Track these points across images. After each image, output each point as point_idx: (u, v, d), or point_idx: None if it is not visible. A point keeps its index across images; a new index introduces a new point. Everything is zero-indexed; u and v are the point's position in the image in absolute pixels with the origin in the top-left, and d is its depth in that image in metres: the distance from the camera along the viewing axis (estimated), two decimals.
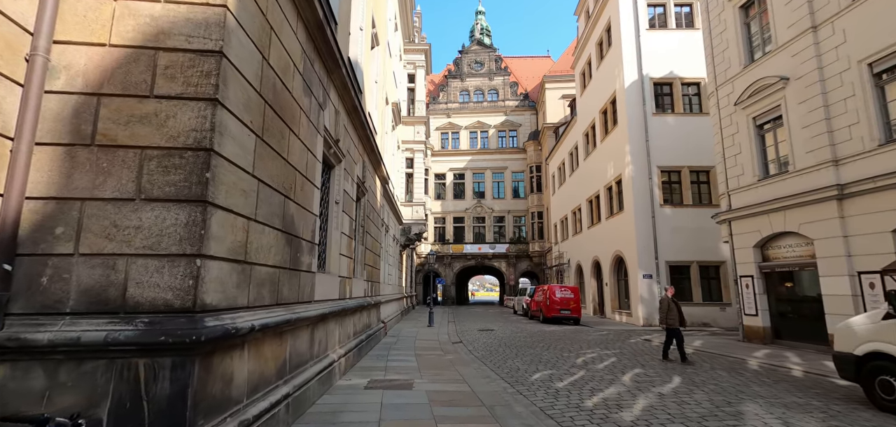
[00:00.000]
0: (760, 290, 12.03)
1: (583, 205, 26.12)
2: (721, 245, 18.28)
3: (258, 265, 4.00)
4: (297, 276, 5.16)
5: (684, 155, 19.09)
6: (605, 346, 11.80)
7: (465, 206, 41.07)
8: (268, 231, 4.22)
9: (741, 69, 12.80)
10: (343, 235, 7.82)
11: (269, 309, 4.22)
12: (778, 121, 11.71)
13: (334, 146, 7.11)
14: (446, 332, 15.11)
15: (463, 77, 44.35)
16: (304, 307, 5.33)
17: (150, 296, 2.97)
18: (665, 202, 18.82)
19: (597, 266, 24.11)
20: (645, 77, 19.63)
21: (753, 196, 12.21)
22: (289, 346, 4.78)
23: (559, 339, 13.29)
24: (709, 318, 17.78)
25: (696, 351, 10.69)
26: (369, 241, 11.19)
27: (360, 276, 10.02)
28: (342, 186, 7.72)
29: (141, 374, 2.84)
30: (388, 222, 17.22)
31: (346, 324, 7.96)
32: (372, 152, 11.14)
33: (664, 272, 18.14)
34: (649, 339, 13.16)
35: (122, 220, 3.03)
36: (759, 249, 12.19)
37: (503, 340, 13.16)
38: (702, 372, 8.15)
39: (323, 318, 6.17)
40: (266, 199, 4.16)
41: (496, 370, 8.25)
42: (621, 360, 9.45)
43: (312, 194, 5.79)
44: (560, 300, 19.07)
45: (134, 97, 3.18)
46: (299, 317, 4.93)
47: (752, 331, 12.11)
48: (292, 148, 4.94)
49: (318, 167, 6.11)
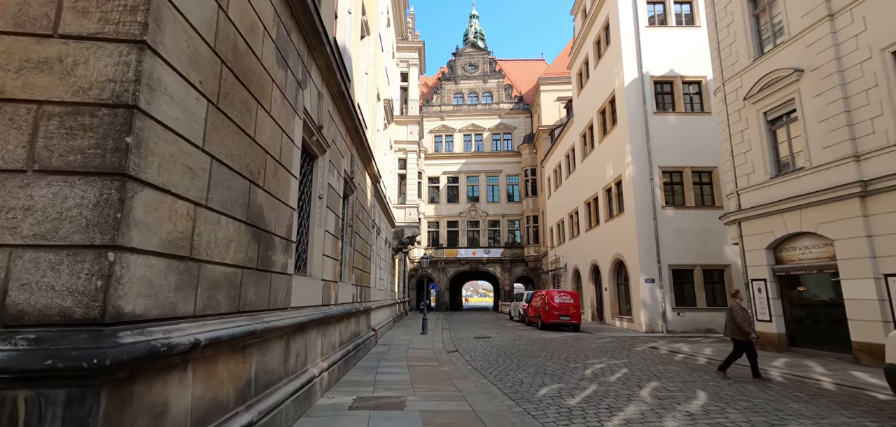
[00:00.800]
0: (774, 294, 11.37)
1: (580, 207, 25.47)
2: (725, 248, 17.68)
3: (211, 263, 3.19)
4: (268, 278, 4.35)
5: (686, 155, 18.50)
6: (611, 354, 11.06)
7: (460, 209, 40.32)
8: (226, 222, 3.41)
9: (750, 62, 12.21)
10: (328, 234, 7.01)
11: (227, 318, 3.41)
12: (792, 115, 11.10)
13: (317, 133, 6.32)
14: (441, 340, 14.29)
15: (457, 79, 43.73)
16: (277, 315, 4.52)
17: (41, 302, 2.15)
18: (667, 204, 18.20)
19: (595, 270, 23.43)
20: (645, 75, 19.05)
21: (765, 195, 11.57)
22: (254, 363, 3.97)
23: (561, 348, 12.52)
24: (713, 324, 17.12)
25: (710, 361, 9.97)
26: (358, 242, 10.39)
27: (348, 280, 9.20)
28: (326, 180, 6.93)
29: (20, 413, 2.02)
30: (380, 224, 16.41)
31: (330, 333, 7.14)
32: (362, 147, 10.36)
33: (667, 276, 17.47)
34: (656, 347, 12.44)
35: (6, 199, 2.22)
36: (771, 251, 11.54)
37: (502, 349, 12.38)
38: (727, 386, 7.42)
39: (301, 328, 5.35)
40: (223, 181, 3.36)
41: (498, 384, 7.45)
42: (634, 371, 8.70)
43: (288, 184, 4.99)
44: (559, 306, 18.33)
45: (31, 36, 2.38)
46: (269, 327, 4.12)
47: (766, 338, 11.43)
48: (262, 125, 4.15)
49: (296, 154, 5.31)
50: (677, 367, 9.12)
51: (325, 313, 6.51)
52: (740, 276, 17.40)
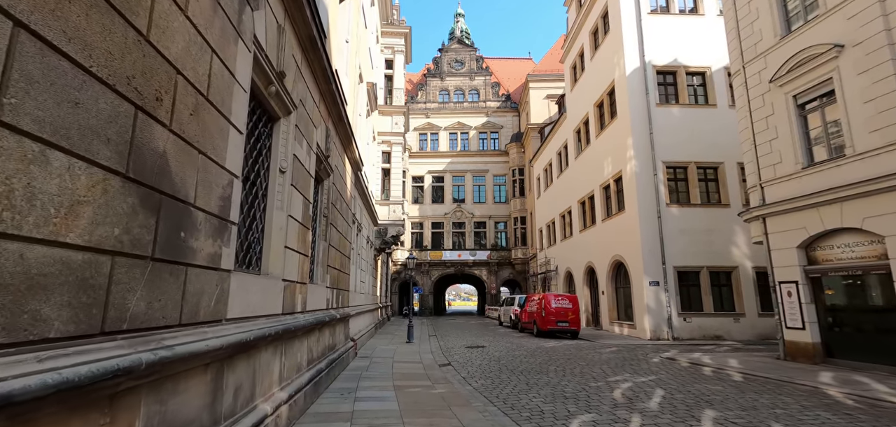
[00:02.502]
0: (807, 298, 10.12)
1: (573, 207, 24.20)
2: (733, 249, 16.55)
3: (23, 241, 1.55)
4: (180, 275, 2.70)
5: (691, 150, 17.35)
6: (629, 368, 9.62)
7: (445, 210, 38.77)
8: (69, 165, 1.77)
9: (776, 41, 11.00)
10: (293, 221, 5.35)
11: (66, 348, 1.76)
12: (829, 97, 9.90)
13: (277, 82, 4.66)
14: (430, 351, 12.66)
15: (443, 76, 42.25)
16: (196, 334, 2.86)
17: None
18: (671, 201, 16.99)
19: (591, 273, 22.14)
20: (648, 64, 17.86)
21: (796, 187, 10.34)
22: (142, 417, 2.31)
23: (568, 359, 11.05)
24: (722, 330, 15.94)
25: (747, 376, 8.62)
26: (335, 237, 8.70)
27: (321, 282, 7.51)
28: (291, 149, 5.27)
29: None
30: (362, 220, 14.71)
31: (293, 351, 5.46)
32: (340, 122, 8.70)
33: (672, 279, 16.22)
34: (672, 358, 11.08)
35: None
36: (803, 250, 10.30)
37: (501, 361, 10.83)
38: (787, 407, 6.02)
39: (246, 349, 3.70)
40: (63, 86, 1.72)
41: (511, 413, 5.88)
42: (670, 391, 7.25)
43: (224, 136, 3.34)
44: (557, 311, 16.89)
45: None
46: (175, 355, 2.47)
47: (798, 347, 10.18)
48: (167, 24, 2.50)
49: (239, 96, 3.67)
50: (717, 385, 7.71)
51: (287, 325, 4.84)
52: (750, 278, 16.30)
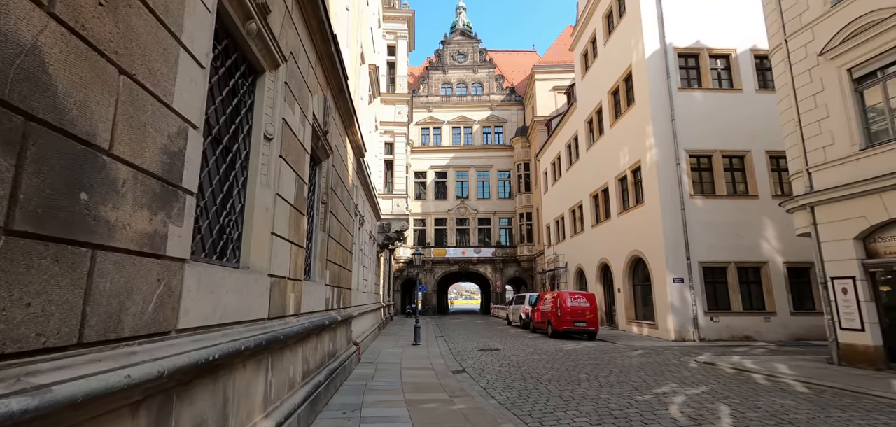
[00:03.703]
0: (866, 296, 9.00)
1: (585, 201, 23.08)
2: (762, 242, 15.43)
3: None
4: (81, 263, 1.57)
5: (715, 137, 16.23)
6: (671, 375, 8.51)
7: (448, 207, 37.64)
8: None
9: (827, 9, 9.87)
10: (282, 202, 4.24)
11: None
12: (891, 69, 8.79)
13: (258, 18, 3.52)
14: (439, 354, 11.57)
15: (445, 69, 41.09)
16: (116, 354, 1.75)
17: None
18: (695, 192, 15.88)
19: (604, 270, 21.02)
20: (668, 46, 16.72)
21: (852, 171, 9.23)
22: None
23: (596, 364, 9.94)
24: (751, 331, 14.83)
25: (810, 386, 7.50)
26: (336, 228, 7.59)
27: (320, 279, 6.41)
28: (279, 112, 4.15)
29: None
30: (364, 213, 13.61)
31: (284, 364, 4.34)
32: (341, 95, 7.58)
33: (697, 275, 15.10)
34: (711, 363, 9.97)
35: None
36: (861, 242, 9.19)
37: (521, 367, 9.72)
38: None
39: (210, 370, 2.59)
40: None
41: None
42: (736, 406, 6.14)
43: (168, 60, 2.22)
44: (573, 310, 15.77)
45: None
46: (53, 402, 1.36)
47: (855, 351, 9.07)
48: None
49: (197, 9, 2.55)
50: (785, 399, 6.60)
51: (275, 333, 3.73)
52: (781, 274, 15.19)
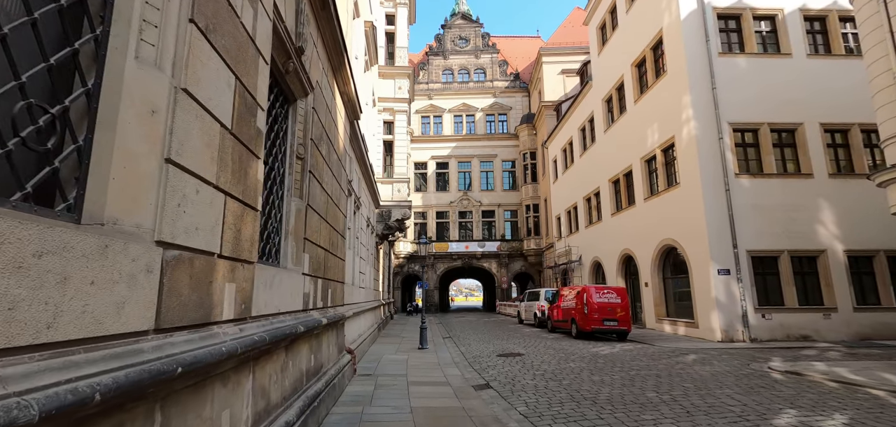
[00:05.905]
0: None
1: (603, 187, 21.05)
2: (818, 228, 13.43)
3: None
4: None
5: (761, 109, 14.21)
6: (771, 392, 6.49)
7: (450, 199, 35.61)
8: None
9: None
10: (192, 104, 2.14)
11: None
12: None
13: None
14: (451, 361, 9.51)
15: (446, 54, 38.99)
16: None
17: None
18: (740, 171, 13.87)
19: (627, 262, 19.01)
20: (707, 5, 14.69)
21: None
22: None
23: (653, 374, 7.91)
24: (809, 329, 12.83)
25: None
26: (320, 199, 5.49)
27: (293, 264, 4.31)
28: None
29: None
30: (360, 194, 11.53)
31: (201, 412, 2.27)
32: (328, 23, 5.50)
33: (746, 265, 13.10)
34: (798, 373, 7.94)
35: None
36: None
37: (561, 380, 7.68)
38: None
39: None
40: None
41: None
42: None
43: None
44: (602, 307, 13.73)
45: None
46: None
47: None
48: None
49: None
50: None
51: (161, 365, 1.66)
52: (841, 264, 13.19)
